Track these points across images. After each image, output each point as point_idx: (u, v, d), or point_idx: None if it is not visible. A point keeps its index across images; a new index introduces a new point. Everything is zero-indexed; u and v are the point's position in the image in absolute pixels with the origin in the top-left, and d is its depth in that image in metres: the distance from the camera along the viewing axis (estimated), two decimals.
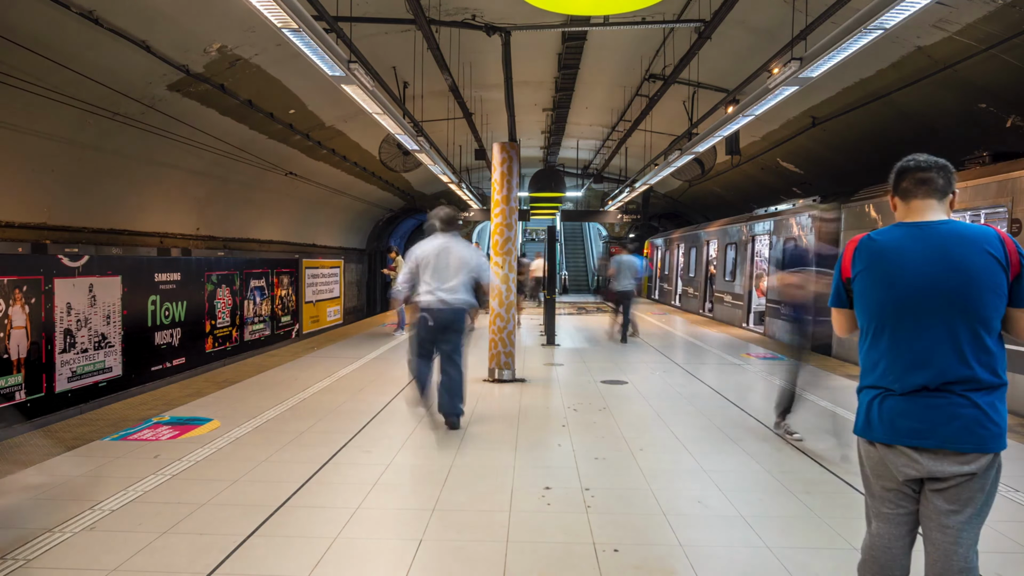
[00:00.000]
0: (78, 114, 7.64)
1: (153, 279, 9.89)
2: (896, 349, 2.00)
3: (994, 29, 6.47)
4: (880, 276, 2.03)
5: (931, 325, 1.95)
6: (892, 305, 2.00)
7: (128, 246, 9.55)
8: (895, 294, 1.99)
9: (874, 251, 2.05)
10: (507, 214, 7.44)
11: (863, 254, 2.07)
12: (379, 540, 3.30)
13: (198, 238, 11.55)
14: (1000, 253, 1.93)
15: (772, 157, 13.45)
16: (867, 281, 2.06)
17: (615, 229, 25.74)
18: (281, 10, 4.76)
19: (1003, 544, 3.32)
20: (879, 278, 2.03)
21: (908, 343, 1.98)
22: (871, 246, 2.07)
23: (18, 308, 7.26)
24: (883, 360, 2.03)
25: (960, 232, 1.97)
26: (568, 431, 5.36)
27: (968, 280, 1.91)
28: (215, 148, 10.35)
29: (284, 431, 5.21)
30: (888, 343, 2.02)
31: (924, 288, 1.95)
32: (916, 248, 1.99)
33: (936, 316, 1.94)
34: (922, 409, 1.95)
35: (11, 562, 2.96)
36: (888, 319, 2.01)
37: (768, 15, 7.92)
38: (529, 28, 8.54)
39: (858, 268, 2.08)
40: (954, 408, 1.93)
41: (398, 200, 22.19)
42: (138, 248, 9.77)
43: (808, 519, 3.60)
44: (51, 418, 7.49)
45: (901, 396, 1.98)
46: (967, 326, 1.93)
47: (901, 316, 1.99)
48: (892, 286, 2.00)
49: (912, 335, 1.97)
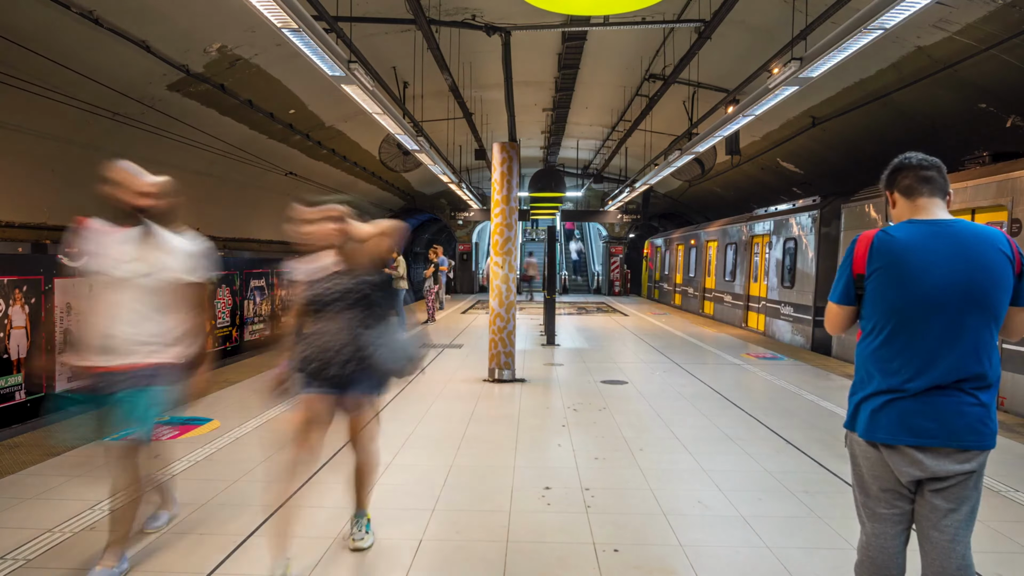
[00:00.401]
0: (78, 114, 7.64)
1: None
2: (913, 347, 1.98)
3: (994, 29, 6.47)
4: (904, 274, 1.97)
5: (954, 323, 1.95)
6: (916, 303, 1.97)
7: None
8: (920, 292, 1.96)
9: (895, 249, 1.99)
10: (507, 214, 7.44)
11: (881, 251, 2.01)
12: (379, 540, 3.30)
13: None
14: (1010, 252, 1.97)
15: (772, 157, 13.45)
16: (886, 279, 2.00)
17: (615, 229, 25.73)
18: (281, 10, 4.76)
19: (1003, 544, 3.32)
20: (903, 276, 1.98)
21: (928, 341, 1.97)
22: (891, 244, 2.00)
23: (18, 308, 7.26)
24: (898, 359, 1.99)
25: (975, 231, 1.99)
26: (568, 431, 5.36)
27: (991, 279, 1.94)
28: (215, 148, 10.35)
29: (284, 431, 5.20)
30: (905, 341, 1.99)
31: (952, 286, 1.94)
32: (940, 247, 1.97)
33: (960, 314, 1.95)
34: (932, 408, 1.96)
35: (11, 562, 2.96)
36: (909, 317, 1.98)
37: (768, 15, 7.92)
38: (529, 28, 8.54)
39: (875, 265, 2.01)
40: (962, 406, 1.94)
41: (398, 200, 22.20)
42: None
43: (808, 519, 3.60)
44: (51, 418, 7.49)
45: (913, 396, 1.97)
46: (985, 324, 1.95)
47: (925, 314, 1.96)
48: (918, 284, 1.96)
49: (933, 333, 1.96)
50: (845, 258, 2.11)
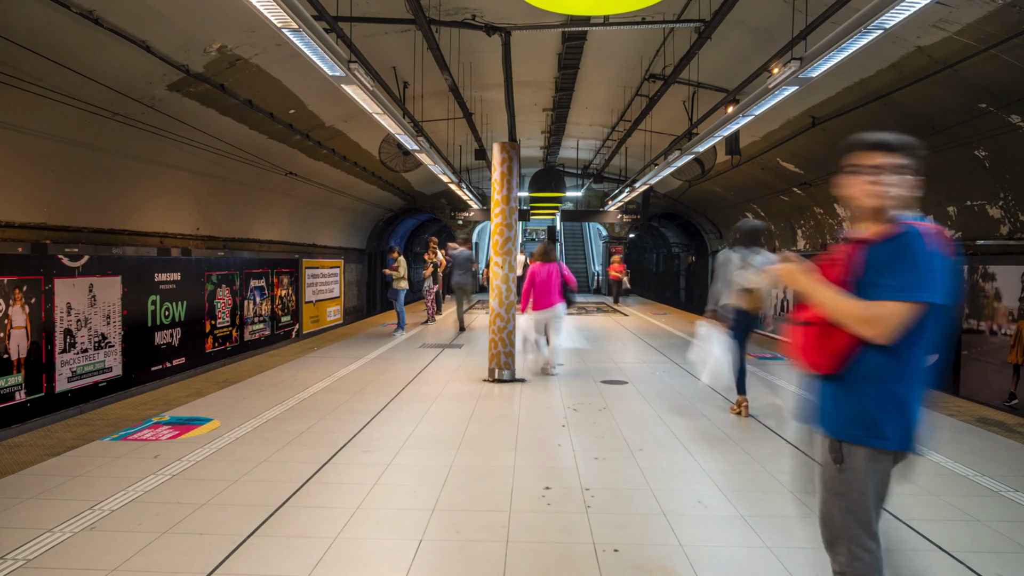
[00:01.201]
0: (78, 114, 7.64)
1: (153, 279, 9.89)
2: (923, 356, 2.02)
3: (994, 29, 6.46)
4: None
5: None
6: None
7: (128, 246, 9.55)
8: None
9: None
10: (507, 214, 7.44)
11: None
12: (379, 540, 3.30)
13: (198, 238, 11.55)
14: None
15: (772, 157, 13.44)
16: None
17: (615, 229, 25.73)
18: (281, 10, 4.76)
19: (1003, 544, 3.32)
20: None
21: (932, 350, 2.02)
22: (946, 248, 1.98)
23: (18, 308, 7.27)
24: (913, 364, 2.01)
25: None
26: (568, 431, 5.36)
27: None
28: (215, 148, 10.35)
29: (284, 431, 5.21)
30: (924, 348, 2.01)
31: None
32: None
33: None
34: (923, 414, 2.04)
35: (11, 562, 2.96)
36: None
37: (768, 15, 7.92)
38: (529, 28, 8.54)
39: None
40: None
41: (398, 200, 22.19)
42: (138, 248, 9.77)
43: (808, 519, 3.59)
44: (51, 418, 7.49)
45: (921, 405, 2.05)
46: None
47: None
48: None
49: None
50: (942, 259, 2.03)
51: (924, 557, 3.17)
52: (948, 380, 9.26)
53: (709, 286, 7.12)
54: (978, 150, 8.59)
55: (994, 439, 5.24)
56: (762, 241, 5.81)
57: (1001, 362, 8.37)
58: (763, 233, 5.83)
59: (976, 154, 8.67)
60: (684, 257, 28.24)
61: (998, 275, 8.60)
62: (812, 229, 14.89)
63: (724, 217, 20.67)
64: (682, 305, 27.00)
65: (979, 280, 8.92)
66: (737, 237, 5.80)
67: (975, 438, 5.27)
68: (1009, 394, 8.17)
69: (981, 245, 9.07)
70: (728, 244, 9.72)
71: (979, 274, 8.93)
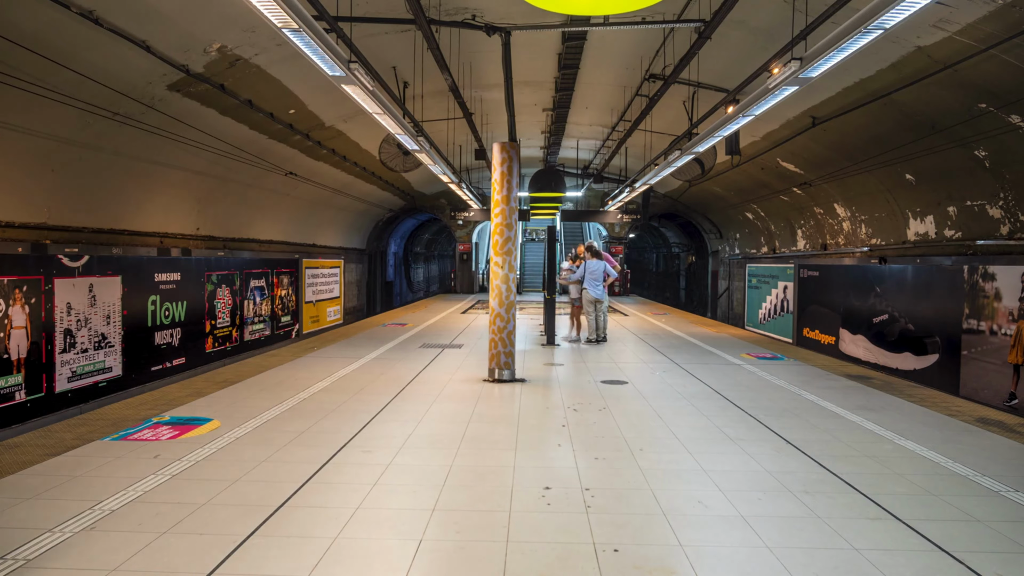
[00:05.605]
0: (78, 114, 7.64)
1: (153, 279, 9.89)
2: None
3: (994, 29, 6.46)
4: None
5: None
6: None
7: (128, 246, 9.55)
8: None
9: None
10: (507, 214, 7.44)
11: None
12: (379, 540, 3.30)
13: (198, 238, 11.55)
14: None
15: (772, 157, 13.44)
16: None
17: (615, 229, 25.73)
18: (281, 10, 4.76)
19: (1003, 544, 3.32)
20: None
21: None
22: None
23: (18, 308, 7.27)
24: None
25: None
26: (568, 431, 5.36)
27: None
28: (215, 148, 10.35)
29: (284, 431, 5.21)
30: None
31: None
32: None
33: None
34: None
35: (11, 562, 2.96)
36: None
37: (768, 15, 7.92)
38: (529, 28, 8.54)
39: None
40: None
41: (398, 200, 22.19)
42: (138, 248, 9.77)
43: (808, 519, 3.60)
44: (51, 418, 7.50)
45: None
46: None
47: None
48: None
49: None
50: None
51: (924, 557, 3.17)
52: (948, 380, 9.27)
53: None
54: (978, 150, 8.59)
55: (994, 439, 5.24)
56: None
57: (1001, 362, 8.37)
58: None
59: (976, 154, 8.67)
60: (684, 257, 28.25)
61: (998, 275, 8.60)
62: (812, 229, 14.90)
63: (724, 217, 20.67)
64: (682, 305, 27.02)
65: (979, 280, 8.92)
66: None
67: (975, 438, 5.27)
68: (1009, 394, 8.18)
69: (981, 245, 9.08)
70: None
71: (979, 274, 8.93)
